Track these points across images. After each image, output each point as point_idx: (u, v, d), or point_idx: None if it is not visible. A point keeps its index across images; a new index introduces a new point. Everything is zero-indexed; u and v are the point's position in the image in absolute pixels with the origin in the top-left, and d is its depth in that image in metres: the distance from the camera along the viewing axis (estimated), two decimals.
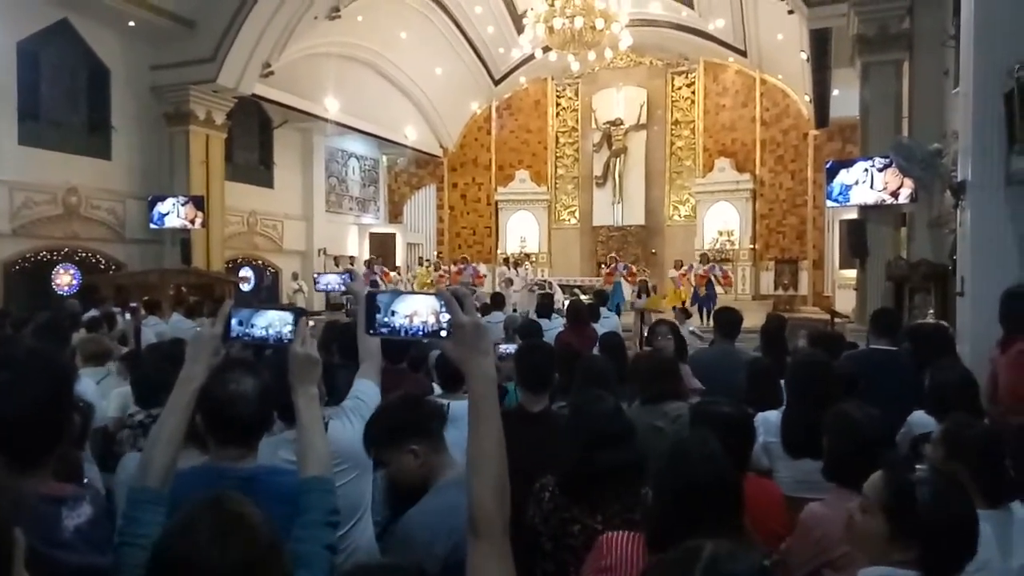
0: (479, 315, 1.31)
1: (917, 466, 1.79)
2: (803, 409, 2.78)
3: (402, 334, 1.30)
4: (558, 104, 21.83)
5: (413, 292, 1.39)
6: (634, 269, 18.29)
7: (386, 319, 1.30)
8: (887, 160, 9.46)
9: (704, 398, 2.91)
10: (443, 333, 1.27)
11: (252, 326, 1.69)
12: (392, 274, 18.22)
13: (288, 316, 1.69)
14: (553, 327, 6.66)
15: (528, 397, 2.89)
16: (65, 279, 12.64)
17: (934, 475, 1.65)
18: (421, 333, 1.29)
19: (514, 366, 3.02)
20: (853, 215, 11.44)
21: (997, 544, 1.92)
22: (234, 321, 1.67)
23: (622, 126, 20.48)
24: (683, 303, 15.63)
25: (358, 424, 2.32)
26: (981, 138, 5.85)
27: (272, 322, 1.69)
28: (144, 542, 1.39)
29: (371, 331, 1.33)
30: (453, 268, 18.96)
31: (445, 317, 1.26)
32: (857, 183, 10.24)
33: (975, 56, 5.94)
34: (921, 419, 3.41)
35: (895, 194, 9.84)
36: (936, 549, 1.50)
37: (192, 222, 13.64)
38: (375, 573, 1.25)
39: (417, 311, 1.29)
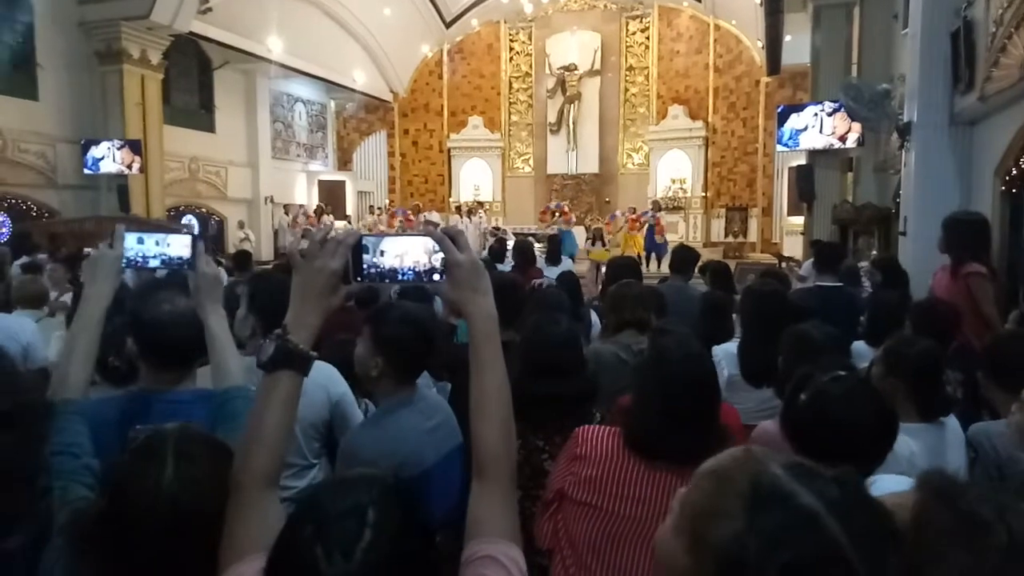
0: (475, 253, 1.24)
1: None
2: (757, 337, 2.80)
3: (391, 278, 1.22)
4: (511, 48, 21.36)
5: (400, 234, 1.30)
6: (566, 208, 18.35)
7: (375, 259, 1.19)
8: (836, 105, 9.57)
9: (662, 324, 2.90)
10: (436, 276, 1.19)
11: (143, 254, 1.75)
12: (326, 218, 17.39)
13: (185, 239, 1.74)
14: (505, 269, 6.69)
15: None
16: None
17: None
18: (413, 275, 1.21)
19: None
20: (802, 162, 11.60)
21: (929, 455, 1.98)
22: (129, 243, 1.74)
23: (576, 71, 20.19)
24: (638, 254, 15.82)
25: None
26: (927, 78, 5.93)
27: (171, 244, 1.74)
28: (76, 450, 1.41)
29: (359, 278, 1.19)
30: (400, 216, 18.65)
31: (438, 258, 1.18)
32: (807, 128, 10.36)
33: None
34: (861, 349, 3.50)
35: (843, 138, 9.99)
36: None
37: (129, 167, 13.04)
38: (352, 482, 1.10)
39: (407, 251, 1.19)
